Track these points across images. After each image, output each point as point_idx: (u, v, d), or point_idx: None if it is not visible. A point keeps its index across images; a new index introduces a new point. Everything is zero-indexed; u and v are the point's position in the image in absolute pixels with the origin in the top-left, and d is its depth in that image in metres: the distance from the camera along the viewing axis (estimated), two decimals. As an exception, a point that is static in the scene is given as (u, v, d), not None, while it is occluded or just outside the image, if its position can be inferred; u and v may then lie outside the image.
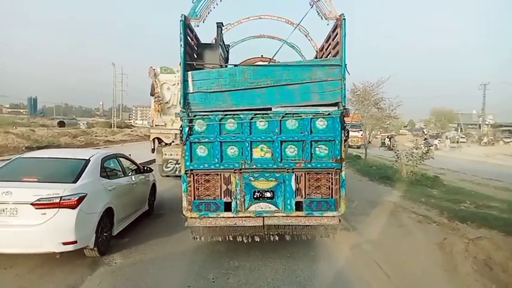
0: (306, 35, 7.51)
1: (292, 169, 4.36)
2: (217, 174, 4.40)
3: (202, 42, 5.59)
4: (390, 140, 29.19)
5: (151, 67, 10.15)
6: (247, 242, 4.59)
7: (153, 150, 10.75)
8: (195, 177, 4.39)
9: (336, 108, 4.36)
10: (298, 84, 4.38)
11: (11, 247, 4.05)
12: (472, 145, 41.80)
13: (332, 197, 4.39)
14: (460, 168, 16.63)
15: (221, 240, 4.64)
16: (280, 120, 4.33)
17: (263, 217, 4.41)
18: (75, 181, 4.39)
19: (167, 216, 6.69)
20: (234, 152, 4.38)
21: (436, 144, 32.27)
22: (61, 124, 38.17)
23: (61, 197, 4.03)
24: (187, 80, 4.34)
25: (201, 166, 4.38)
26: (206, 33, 5.83)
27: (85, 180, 4.50)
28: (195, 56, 5.24)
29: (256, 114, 4.35)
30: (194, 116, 4.34)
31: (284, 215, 4.41)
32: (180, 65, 4.35)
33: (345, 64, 4.34)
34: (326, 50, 5.84)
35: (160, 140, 10.50)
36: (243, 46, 8.88)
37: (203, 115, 4.34)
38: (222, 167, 4.37)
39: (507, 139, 47.36)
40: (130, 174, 5.98)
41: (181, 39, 4.28)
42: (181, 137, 4.37)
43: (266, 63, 5.93)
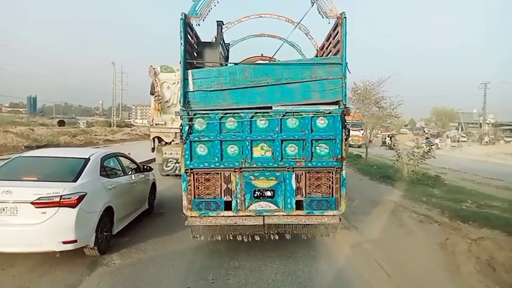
0: (307, 34, 7.47)
1: (292, 168, 4.34)
2: (217, 173, 4.38)
3: (202, 40, 5.57)
4: (391, 139, 29.19)
5: (151, 66, 10.14)
6: (247, 242, 4.58)
7: (153, 149, 10.74)
8: (195, 176, 4.37)
9: (337, 106, 4.34)
10: (298, 82, 4.35)
11: (11, 246, 4.04)
12: (473, 144, 41.75)
13: (332, 196, 4.38)
14: (461, 167, 16.60)
15: (221, 239, 4.62)
16: (280, 118, 4.31)
17: (263, 216, 4.40)
18: (75, 180, 4.38)
19: (167, 215, 6.68)
20: (234, 151, 4.37)
21: (437, 143, 32.24)
22: (61, 123, 38.16)
23: (61, 196, 4.02)
24: (187, 79, 4.32)
25: (201, 165, 4.36)
26: (206, 31, 5.81)
27: (85, 179, 4.49)
28: (195, 55, 5.22)
29: (256, 113, 4.33)
30: (194, 115, 4.32)
31: (284, 214, 4.39)
32: (180, 64, 4.34)
33: (346, 62, 4.32)
34: (327, 49, 5.82)
35: (160, 139, 10.50)
36: (243, 45, 8.86)
37: (203, 114, 4.32)
38: (222, 166, 4.35)
39: (508, 138, 47.38)
40: (130, 173, 5.98)
41: (181, 37, 4.26)
42: (181, 136, 4.35)
43: (266, 62, 5.91)
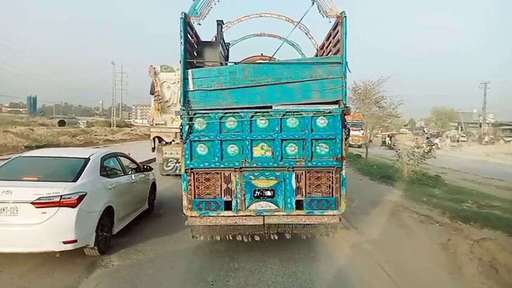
0: (307, 33, 7.46)
1: (292, 168, 4.34)
2: (217, 172, 4.38)
3: (202, 40, 5.57)
4: (391, 139, 29.22)
5: (151, 66, 10.14)
6: (247, 243, 4.56)
7: (154, 149, 10.74)
8: (195, 175, 4.36)
9: (337, 106, 4.34)
10: (298, 82, 4.35)
11: (11, 246, 4.03)
12: (473, 144, 41.74)
13: (332, 196, 4.37)
14: (461, 167, 16.58)
15: (221, 240, 4.60)
16: (280, 118, 4.30)
17: (263, 216, 4.39)
18: (75, 180, 4.37)
19: (167, 215, 6.67)
20: (235, 151, 4.36)
21: (437, 143, 32.25)
22: (61, 123, 38.18)
23: (61, 196, 4.02)
24: (187, 78, 4.32)
25: (201, 165, 4.35)
26: (206, 31, 5.81)
27: (85, 179, 4.48)
28: (195, 54, 5.22)
29: (256, 112, 4.32)
30: (194, 114, 4.31)
31: (284, 214, 4.39)
32: (180, 63, 4.33)
33: (346, 62, 4.32)
34: (327, 48, 5.81)
35: (160, 139, 10.50)
36: (243, 44, 8.85)
37: (203, 113, 4.32)
38: (223, 166, 4.34)
39: (507, 138, 47.37)
40: (130, 173, 5.98)
41: (181, 37, 4.26)
42: (181, 136, 4.35)
43: (266, 61, 5.90)
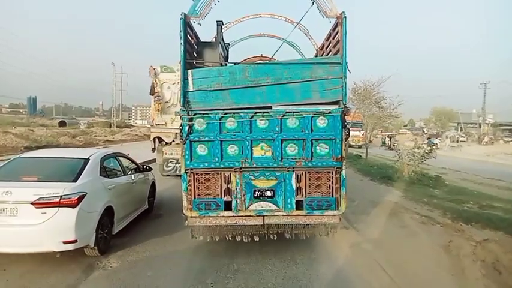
0: (306, 34, 7.48)
1: (292, 168, 4.34)
2: (217, 173, 4.38)
3: (202, 40, 5.57)
4: (391, 140, 29.23)
5: (151, 66, 10.15)
6: (246, 244, 4.55)
7: (154, 149, 10.74)
8: (195, 176, 4.36)
9: (337, 106, 4.34)
10: (298, 82, 4.35)
11: (11, 247, 4.03)
12: (472, 144, 41.75)
13: (332, 196, 4.38)
14: (461, 167, 16.55)
15: (220, 241, 4.58)
16: (280, 118, 4.31)
17: (263, 216, 4.39)
18: (75, 180, 4.37)
19: (167, 216, 6.64)
20: (234, 151, 4.36)
21: (437, 143, 32.27)
22: (62, 124, 38.21)
23: (61, 196, 4.02)
24: (187, 79, 4.32)
25: (201, 165, 4.35)
26: (206, 31, 5.81)
27: (85, 179, 4.48)
28: (195, 55, 5.22)
29: (256, 112, 4.32)
30: (194, 115, 4.32)
31: (284, 214, 4.39)
32: (180, 64, 4.33)
33: (346, 62, 4.32)
34: (326, 49, 5.82)
35: (160, 140, 10.50)
36: (243, 45, 8.88)
37: (203, 114, 4.32)
38: (223, 166, 4.34)
39: (507, 138, 47.38)
40: (129, 173, 5.98)
41: (181, 37, 4.26)
42: (181, 136, 4.35)
43: (266, 61, 5.90)
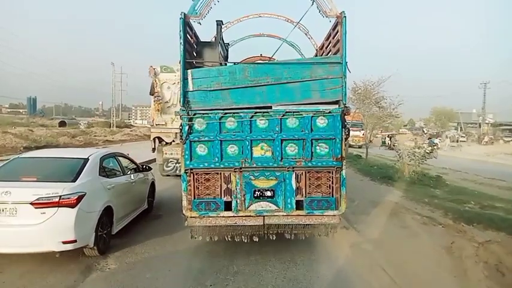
0: (306, 33, 7.46)
1: (292, 168, 4.33)
2: (217, 173, 4.37)
3: (201, 40, 5.56)
4: (391, 139, 29.23)
5: (151, 66, 10.14)
6: (246, 245, 4.52)
7: (154, 149, 10.74)
8: (195, 176, 4.35)
9: (337, 106, 4.33)
10: (298, 82, 4.34)
11: (11, 247, 4.03)
12: (472, 144, 41.73)
13: (333, 196, 4.37)
14: (462, 167, 16.51)
15: (220, 242, 4.55)
16: (280, 118, 4.30)
17: (263, 216, 4.38)
18: (74, 180, 4.37)
19: (166, 216, 6.62)
20: (234, 151, 4.35)
21: (437, 143, 32.25)
22: (62, 124, 38.23)
23: (60, 196, 4.02)
24: (187, 78, 4.31)
25: (201, 165, 4.34)
26: (206, 31, 5.80)
27: (84, 179, 4.48)
28: (195, 54, 5.22)
29: (256, 112, 4.31)
30: (194, 115, 4.30)
31: (284, 214, 4.38)
32: (180, 63, 4.32)
33: (346, 62, 4.31)
34: (326, 48, 5.80)
35: (160, 140, 10.50)
36: (243, 45, 8.86)
37: (203, 113, 4.31)
38: (222, 166, 4.33)
39: (507, 138, 47.38)
40: (129, 173, 5.98)
41: (180, 37, 4.25)
42: (181, 136, 4.34)
43: (266, 61, 5.89)
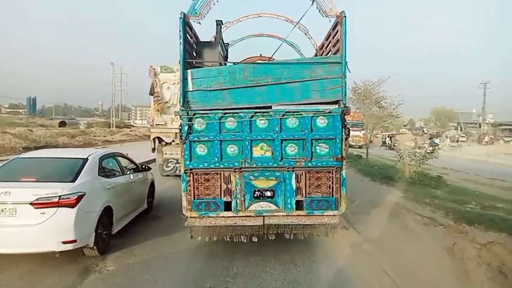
0: (306, 33, 7.44)
1: (292, 168, 4.32)
2: (217, 173, 4.36)
3: (201, 40, 5.55)
4: (391, 139, 29.22)
5: (151, 66, 10.14)
6: (246, 247, 4.51)
7: (154, 149, 10.74)
8: (195, 176, 4.35)
9: (337, 106, 4.33)
10: (298, 82, 4.34)
11: (11, 247, 4.03)
12: (472, 144, 41.72)
13: (333, 196, 4.36)
14: (462, 167, 16.48)
15: (219, 243, 4.53)
16: (280, 118, 4.29)
17: (263, 216, 4.38)
18: (73, 180, 4.36)
19: (166, 217, 6.60)
20: (234, 151, 4.35)
21: (438, 143, 32.25)
22: (62, 124, 38.25)
23: (60, 196, 4.01)
24: (186, 78, 4.30)
25: (201, 165, 4.34)
26: (205, 31, 5.80)
27: (83, 179, 4.47)
28: (194, 54, 5.21)
29: (256, 112, 4.31)
30: (194, 115, 4.30)
31: (284, 214, 4.37)
32: (180, 63, 4.32)
33: (346, 62, 4.30)
34: (326, 48, 5.80)
35: (160, 140, 10.50)
36: (242, 45, 8.84)
37: (203, 113, 4.30)
38: (222, 166, 4.33)
39: (507, 138, 47.40)
40: (128, 173, 5.97)
41: (180, 36, 4.24)
42: (180, 136, 4.33)
43: (266, 61, 5.89)
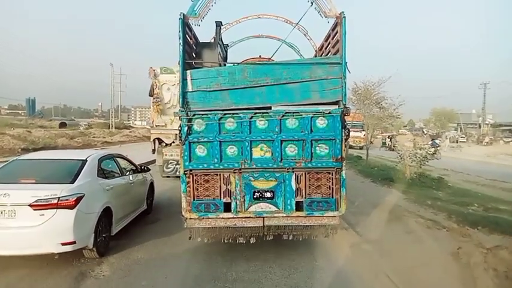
0: (305, 34, 7.45)
1: (292, 169, 4.31)
2: (216, 174, 4.34)
3: (200, 41, 5.55)
4: (391, 140, 29.24)
5: (151, 67, 10.14)
6: (245, 251, 4.47)
7: (154, 150, 10.74)
8: (194, 177, 4.33)
9: (337, 106, 4.31)
10: (298, 82, 4.32)
11: (10, 249, 4.01)
12: (472, 145, 41.71)
13: (332, 197, 4.35)
14: (463, 168, 16.38)
15: (219, 246, 4.49)
16: (280, 119, 4.28)
17: (263, 217, 4.36)
18: (72, 181, 4.35)
19: (165, 218, 6.54)
20: (234, 152, 4.33)
21: (439, 144, 32.26)
22: (62, 125, 38.26)
23: (59, 198, 4.00)
24: (186, 79, 4.29)
25: (200, 166, 4.32)
26: (205, 32, 5.78)
27: (82, 180, 4.46)
28: (194, 55, 5.20)
29: (256, 113, 4.29)
30: (193, 116, 4.28)
31: (284, 216, 4.36)
32: (179, 64, 4.31)
33: (345, 62, 4.29)
34: (325, 49, 5.79)
35: (160, 141, 10.49)
36: (242, 46, 8.86)
37: (202, 114, 4.29)
38: (222, 167, 4.31)
39: (507, 139, 47.46)
40: (127, 174, 5.95)
41: (180, 37, 4.23)
42: (180, 137, 4.32)
43: (265, 62, 5.88)
